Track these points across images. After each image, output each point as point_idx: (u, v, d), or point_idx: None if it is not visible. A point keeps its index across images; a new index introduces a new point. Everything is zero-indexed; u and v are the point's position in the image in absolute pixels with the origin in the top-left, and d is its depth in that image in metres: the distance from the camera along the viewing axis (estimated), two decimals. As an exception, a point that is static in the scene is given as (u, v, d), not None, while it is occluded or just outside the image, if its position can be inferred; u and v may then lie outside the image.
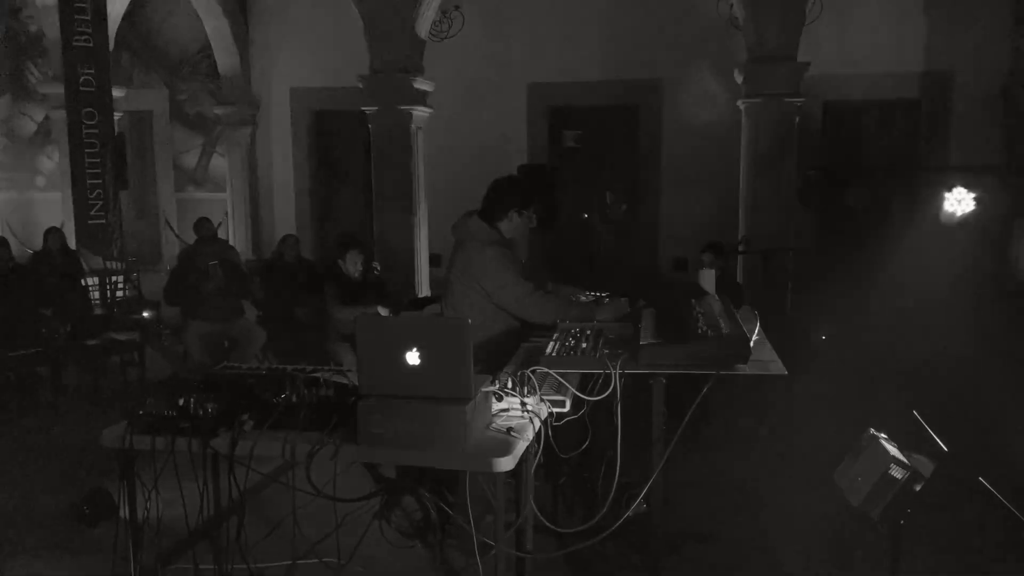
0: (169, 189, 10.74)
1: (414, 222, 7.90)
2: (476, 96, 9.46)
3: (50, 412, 6.10)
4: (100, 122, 7.87)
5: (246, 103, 10.26)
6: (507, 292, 3.60)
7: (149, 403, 2.63)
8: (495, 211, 3.76)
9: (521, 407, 2.68)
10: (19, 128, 11.10)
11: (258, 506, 3.33)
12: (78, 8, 7.60)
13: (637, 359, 2.83)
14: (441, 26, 9.06)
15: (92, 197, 7.87)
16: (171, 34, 10.47)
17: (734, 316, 3.14)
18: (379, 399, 2.46)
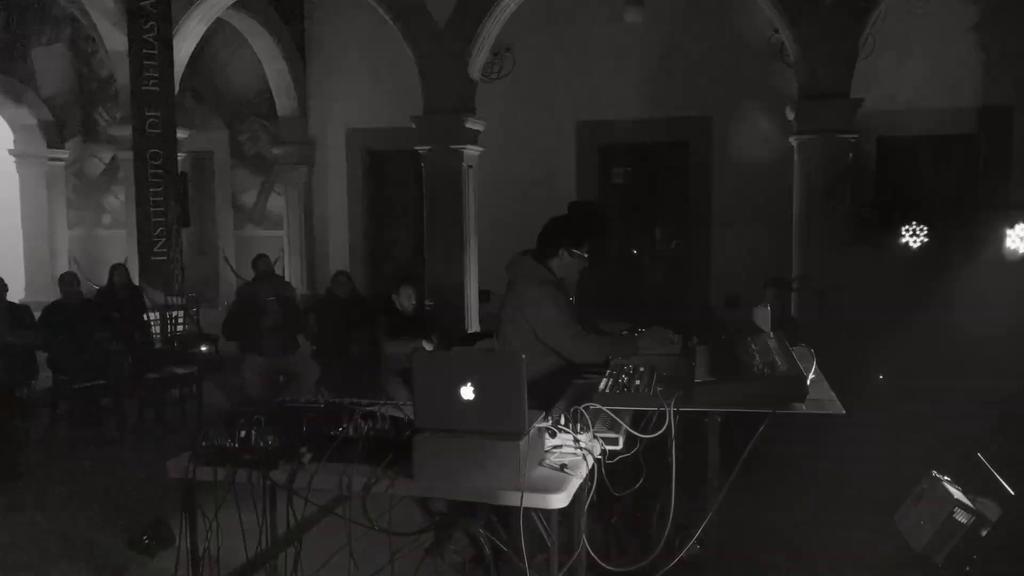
0: (228, 226, 11.05)
1: (464, 258, 7.99)
2: (526, 134, 9.58)
3: (112, 443, 6.27)
4: (164, 163, 8.17)
5: (303, 143, 10.55)
6: (554, 332, 3.61)
7: (212, 435, 2.70)
8: (546, 250, 3.78)
9: (574, 444, 2.68)
10: (89, 169, 11.57)
11: (314, 537, 3.36)
12: (147, 54, 7.95)
13: (692, 397, 2.81)
14: (492, 67, 9.24)
15: (155, 234, 8.14)
16: (233, 78, 10.86)
17: (790, 354, 3.10)
18: (434, 433, 2.49)
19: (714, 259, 9.49)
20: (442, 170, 7.85)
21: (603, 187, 9.83)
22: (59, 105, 11.32)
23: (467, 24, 7.58)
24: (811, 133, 7.09)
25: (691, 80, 9.24)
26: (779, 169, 8.28)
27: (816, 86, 7.04)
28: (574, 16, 9.43)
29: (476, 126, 7.97)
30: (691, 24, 9.19)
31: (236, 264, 10.47)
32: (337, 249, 10.68)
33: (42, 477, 5.49)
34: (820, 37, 6.96)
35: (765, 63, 8.80)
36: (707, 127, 9.45)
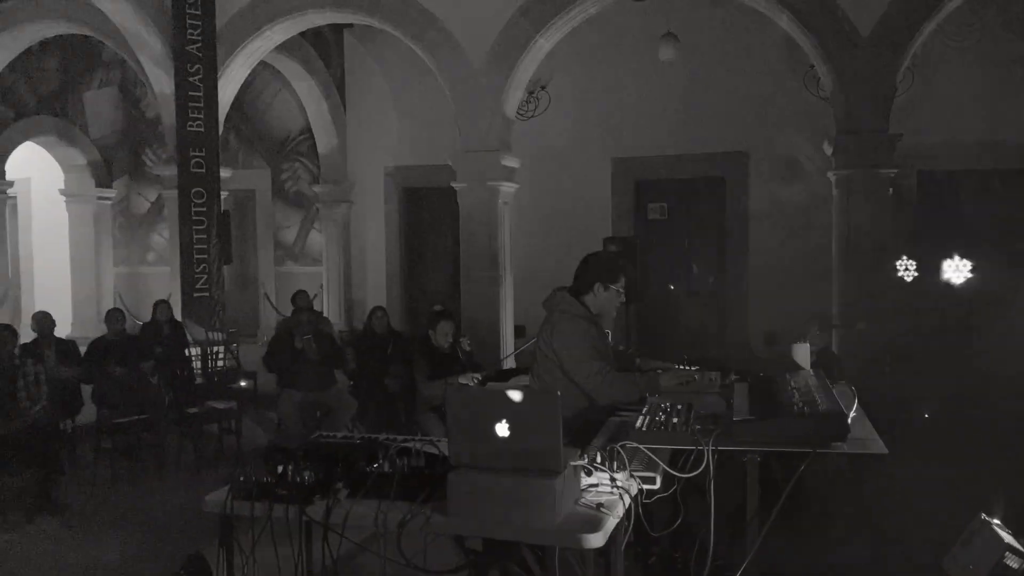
0: (269, 263, 11.24)
1: (500, 294, 8.01)
2: (561, 171, 9.65)
3: (152, 478, 6.34)
4: (208, 201, 8.37)
5: (342, 182, 10.74)
6: (576, 367, 3.57)
7: (249, 470, 2.72)
8: (581, 285, 3.78)
9: (611, 482, 2.65)
10: (135, 207, 11.89)
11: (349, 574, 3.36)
12: (192, 96, 8.19)
13: (730, 435, 2.77)
14: (527, 106, 9.34)
15: (198, 271, 8.31)
16: (275, 118, 11.12)
17: (830, 392, 3.05)
18: (468, 470, 2.48)
19: (752, 295, 9.39)
20: (478, 207, 7.91)
21: (639, 223, 9.83)
22: (108, 146, 11.68)
23: (502, 64, 7.69)
24: (849, 168, 7.03)
25: (727, 115, 9.25)
26: (817, 204, 8.20)
27: (854, 121, 6.99)
28: (608, 54, 9.52)
29: (511, 163, 8.04)
30: (726, 60, 9.23)
31: (276, 300, 10.63)
32: (375, 285, 10.79)
33: (83, 510, 5.57)
34: (857, 72, 6.93)
35: (802, 98, 8.78)
36: (744, 162, 9.42)
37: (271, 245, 11.27)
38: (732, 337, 9.34)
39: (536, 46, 7.68)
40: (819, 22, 6.99)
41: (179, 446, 6.80)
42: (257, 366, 7.59)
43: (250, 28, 8.35)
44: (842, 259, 7.12)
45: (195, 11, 8.10)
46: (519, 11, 7.58)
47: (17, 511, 5.48)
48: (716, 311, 9.65)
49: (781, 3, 7.06)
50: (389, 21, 7.99)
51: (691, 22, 9.05)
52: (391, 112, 10.63)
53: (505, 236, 8.09)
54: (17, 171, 11.10)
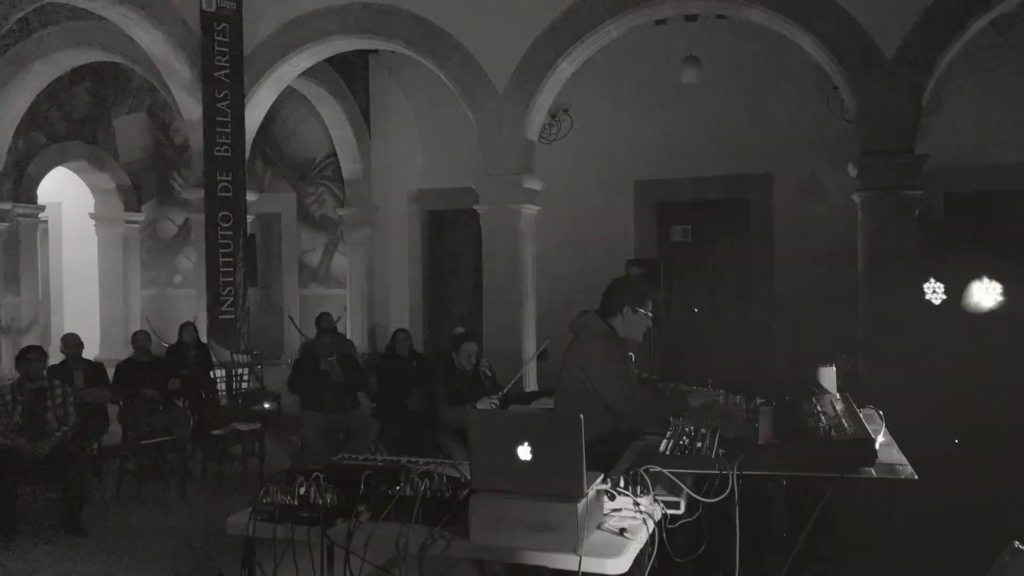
0: (294, 285, 11.33)
1: (522, 316, 8.00)
2: (584, 193, 9.66)
3: (176, 499, 6.38)
4: (234, 224, 8.47)
5: (367, 205, 10.83)
6: (608, 389, 3.58)
7: (272, 491, 2.73)
8: (609, 308, 3.78)
9: (634, 507, 2.63)
10: (162, 231, 12.06)
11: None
12: (220, 122, 8.33)
13: (755, 460, 2.74)
14: (550, 129, 9.39)
15: (224, 294, 8.39)
16: (300, 142, 11.27)
17: (858, 416, 3.01)
18: (490, 494, 2.47)
19: (777, 317, 9.31)
20: (500, 229, 7.94)
21: (662, 245, 9.81)
22: (137, 170, 11.88)
23: (525, 88, 7.74)
24: (875, 190, 6.97)
25: (750, 137, 9.23)
26: (842, 226, 8.12)
27: (878, 143, 6.95)
28: (631, 77, 9.56)
29: (534, 185, 8.07)
30: (749, 82, 9.23)
31: (300, 322, 10.70)
32: (397, 308, 10.83)
33: (108, 531, 5.61)
34: (881, 94, 6.90)
35: (825, 120, 8.75)
36: (768, 184, 9.39)
37: (296, 268, 11.36)
38: (756, 360, 9.25)
39: (559, 70, 7.73)
40: (843, 45, 6.98)
41: (203, 468, 6.83)
42: (281, 388, 7.63)
43: (277, 55, 8.49)
44: (868, 282, 7.05)
45: (223, 38, 8.25)
46: (542, 36, 7.64)
47: (43, 530, 5.53)
48: (741, 334, 9.57)
49: (805, 26, 7.06)
50: (413, 47, 8.08)
51: (713, 45, 9.08)
52: (414, 136, 10.72)
53: (527, 258, 8.09)
54: (49, 196, 11.31)
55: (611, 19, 7.49)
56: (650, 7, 7.48)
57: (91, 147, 11.42)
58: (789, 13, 7.07)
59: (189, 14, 8.21)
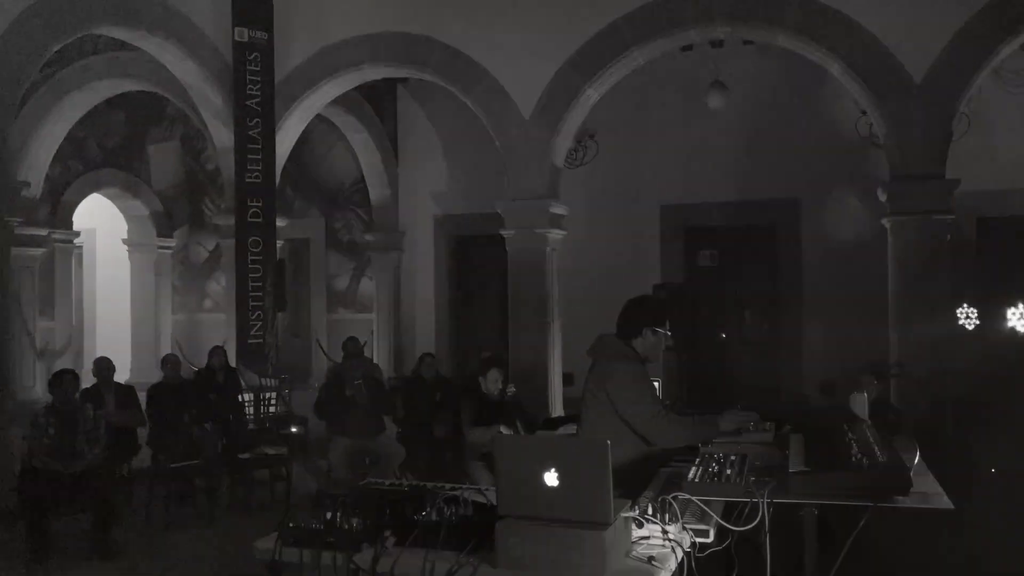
0: (321, 309, 11.42)
1: (548, 341, 7.99)
2: (609, 218, 9.66)
3: (204, 523, 6.40)
4: (264, 250, 8.57)
5: (394, 230, 10.92)
6: (634, 409, 3.55)
7: (298, 516, 2.73)
8: (629, 329, 3.76)
9: (662, 535, 2.60)
10: (193, 256, 12.23)
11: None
12: (251, 149, 8.46)
13: (786, 488, 2.69)
14: (576, 154, 9.42)
15: (253, 318, 8.47)
16: (329, 169, 11.41)
17: (891, 444, 2.96)
18: (517, 520, 2.45)
19: (806, 344, 9.21)
20: (526, 254, 7.95)
21: (689, 270, 9.76)
22: (169, 197, 12.09)
23: (551, 114, 7.79)
24: (904, 215, 6.90)
25: (778, 162, 9.20)
26: (872, 251, 8.03)
27: (908, 167, 6.89)
28: (657, 102, 9.58)
29: (560, 210, 8.09)
30: (776, 106, 9.21)
31: (328, 346, 10.76)
32: (423, 332, 10.86)
33: (137, 555, 5.64)
34: (911, 118, 6.85)
35: (854, 144, 8.70)
36: (795, 208, 9.33)
37: (324, 292, 11.45)
38: (786, 387, 9.14)
39: (584, 96, 7.77)
40: (870, 69, 6.95)
41: (231, 491, 6.86)
42: (308, 412, 7.66)
43: (307, 83, 8.62)
44: (899, 307, 6.95)
45: (255, 67, 8.41)
46: (568, 63, 7.70)
47: (73, 553, 5.57)
48: (770, 360, 9.47)
49: (831, 51, 7.04)
50: (440, 74, 8.18)
51: (740, 70, 9.08)
52: (441, 162, 10.81)
53: (553, 283, 8.10)
54: (83, 222, 11.54)
55: (636, 46, 7.53)
56: (676, 34, 7.51)
57: (125, 174, 11.65)
58: (815, 37, 7.06)
59: (222, 44, 8.38)
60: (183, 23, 8.02)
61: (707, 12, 7.30)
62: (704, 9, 7.30)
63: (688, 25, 7.40)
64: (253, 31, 8.39)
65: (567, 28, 7.69)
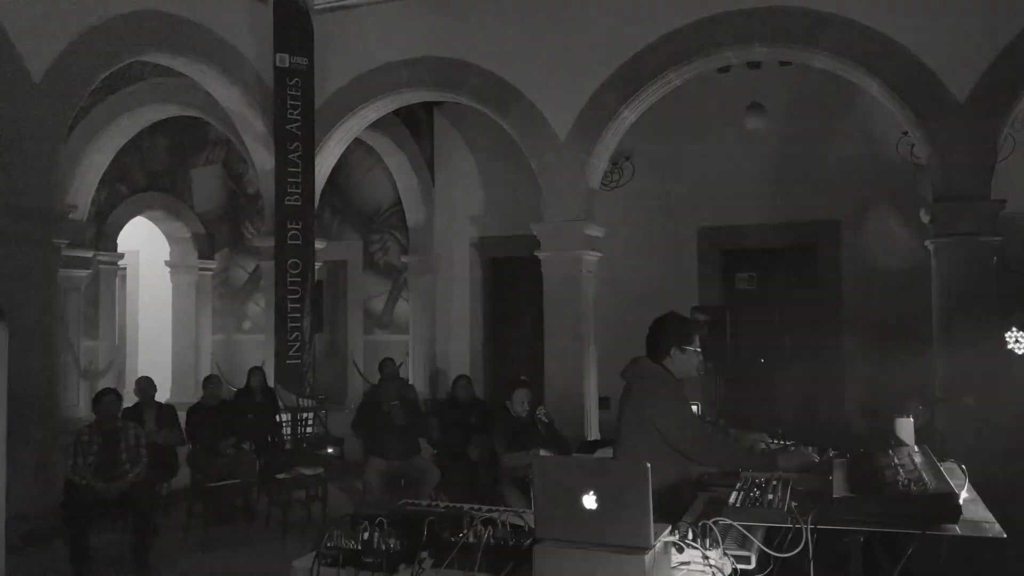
0: (358, 331, 11.49)
1: (583, 364, 7.95)
2: (646, 240, 9.63)
3: (241, 541, 6.44)
4: (303, 271, 8.67)
5: (430, 253, 10.99)
6: (682, 433, 3.49)
7: (336, 536, 2.73)
8: (658, 350, 3.71)
9: (703, 560, 2.55)
10: (233, 278, 12.42)
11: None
12: (291, 172, 8.60)
13: (830, 514, 2.63)
14: (612, 176, 9.41)
15: (291, 339, 8.56)
16: (367, 192, 11.53)
17: (939, 470, 2.88)
18: (555, 543, 2.42)
19: (847, 368, 9.04)
20: (562, 276, 7.94)
21: (727, 293, 9.66)
22: (210, 220, 12.31)
23: (587, 136, 7.81)
24: (949, 236, 6.77)
25: (817, 183, 9.10)
26: (915, 273, 7.89)
27: (952, 189, 6.77)
28: (694, 124, 9.55)
29: (595, 232, 8.07)
30: (815, 127, 9.12)
31: (364, 367, 10.83)
32: (459, 354, 10.88)
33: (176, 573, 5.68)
34: (954, 138, 6.73)
35: (895, 165, 8.57)
36: (836, 231, 9.21)
37: (360, 314, 11.54)
38: (827, 412, 8.97)
39: (620, 118, 7.78)
40: (912, 89, 6.86)
41: (268, 511, 6.90)
42: (344, 433, 7.69)
43: (346, 107, 8.76)
44: (944, 331, 6.80)
45: (295, 92, 8.56)
46: (604, 85, 7.72)
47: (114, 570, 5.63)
48: (810, 384, 9.30)
49: (871, 71, 6.97)
50: (477, 97, 8.25)
51: (777, 90, 9.03)
52: (477, 184, 10.88)
53: (589, 305, 8.07)
54: (127, 244, 11.79)
55: (673, 67, 7.53)
56: (712, 55, 7.51)
57: (169, 197, 11.89)
58: (855, 59, 7.00)
59: (264, 70, 8.56)
60: (226, 50, 8.21)
61: (745, 34, 7.28)
62: (742, 31, 7.28)
63: (726, 47, 7.39)
64: (294, 57, 8.56)
65: (603, 50, 7.72)
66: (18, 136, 6.33)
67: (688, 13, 7.41)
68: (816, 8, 7.05)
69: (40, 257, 6.56)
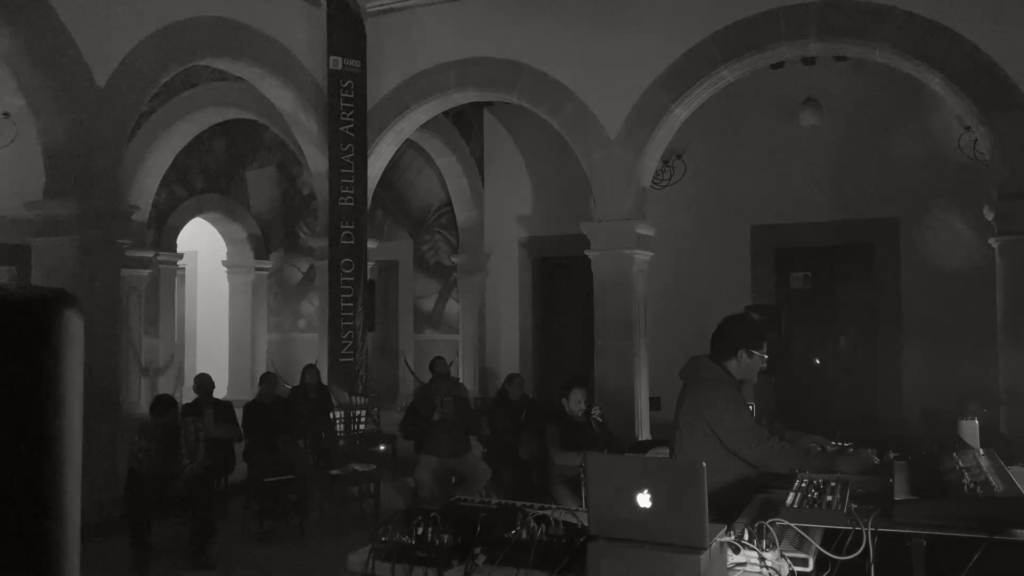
0: (409, 330, 11.60)
1: (634, 364, 7.89)
2: (698, 239, 9.52)
3: (296, 536, 6.55)
4: (356, 271, 8.79)
5: (479, 252, 11.03)
6: (740, 436, 3.43)
7: (390, 530, 2.76)
8: (724, 351, 3.65)
9: (759, 562, 2.51)
10: (288, 278, 12.65)
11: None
12: (344, 173, 8.72)
13: (892, 516, 2.57)
14: (663, 175, 9.33)
15: (344, 338, 8.68)
16: (418, 192, 11.64)
17: (1006, 474, 2.79)
18: (609, 542, 2.41)
19: (906, 370, 8.81)
20: (612, 275, 7.90)
21: (781, 293, 9.50)
22: (266, 221, 12.55)
23: (637, 134, 7.76)
24: (1014, 234, 6.55)
25: (875, 180, 8.89)
26: (978, 272, 7.66)
27: (1017, 184, 6.55)
28: (747, 121, 9.42)
29: (646, 231, 8.01)
30: (872, 123, 8.92)
31: (415, 366, 10.92)
32: (509, 353, 10.90)
33: (233, 566, 5.81)
34: (1019, 132, 6.52)
35: (956, 160, 8.33)
36: (894, 229, 8.99)
37: (411, 313, 11.65)
38: (885, 415, 8.76)
39: (672, 115, 7.71)
40: (975, 83, 6.66)
41: (321, 507, 7.00)
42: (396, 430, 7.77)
43: (397, 109, 8.85)
44: (1009, 332, 6.59)
45: (348, 95, 8.68)
46: (655, 82, 7.66)
47: (174, 563, 5.78)
48: (867, 387, 9.10)
49: (933, 65, 6.79)
50: (526, 97, 8.26)
51: (833, 86, 8.85)
52: (527, 184, 10.89)
53: (640, 305, 8.01)
54: (186, 244, 12.09)
55: (726, 64, 7.44)
56: (766, 51, 7.39)
57: (225, 199, 12.16)
58: (915, 52, 6.82)
59: (318, 73, 8.70)
60: (281, 53, 8.36)
61: (800, 29, 7.15)
62: (797, 26, 7.15)
63: (780, 42, 7.27)
64: (347, 60, 8.67)
65: (655, 48, 7.65)
66: (84, 139, 6.54)
67: (742, 8, 7.31)
68: (874, 0, 6.89)
69: (105, 257, 6.76)
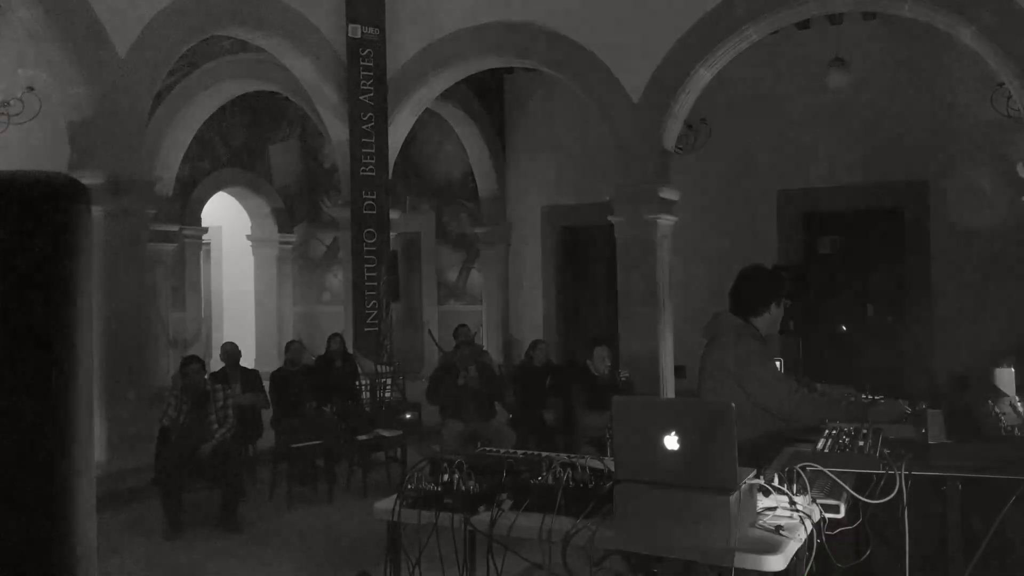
0: (433, 301, 11.62)
1: (659, 330, 7.84)
2: (723, 203, 9.40)
3: (324, 500, 6.61)
4: (378, 241, 8.79)
5: (502, 223, 10.99)
6: (769, 389, 3.36)
7: (417, 478, 2.76)
8: (755, 305, 3.57)
9: (790, 506, 2.47)
10: (312, 251, 12.70)
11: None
12: (365, 143, 8.69)
13: (926, 460, 2.52)
14: (687, 139, 9.20)
15: (368, 308, 8.70)
16: (439, 163, 11.60)
17: (1044, 418, 2.73)
18: (636, 484, 2.39)
19: (937, 336, 8.67)
20: (636, 240, 7.83)
21: (808, 258, 9.37)
22: (289, 194, 12.58)
23: (661, 97, 7.64)
24: (1050, 191, 6.41)
25: (903, 142, 8.71)
26: (1010, 234, 7.51)
27: (1054, 139, 6.39)
28: (773, 83, 9.25)
29: (671, 196, 7.92)
30: (901, 83, 8.73)
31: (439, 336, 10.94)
32: (532, 323, 10.88)
33: (262, 529, 5.88)
34: (1056, 86, 6.35)
35: (988, 118, 8.13)
36: (923, 192, 8.81)
37: (435, 284, 11.65)
38: (914, 381, 8.63)
39: (696, 77, 7.58)
40: (1011, 35, 6.47)
41: (348, 472, 7.06)
42: (421, 399, 7.80)
43: (417, 77, 8.78)
44: (1044, 290, 6.45)
45: (368, 63, 8.63)
46: (679, 43, 7.52)
47: (205, 527, 5.87)
48: (896, 353, 8.97)
49: (965, 18, 6.60)
50: (547, 62, 8.16)
51: (860, 45, 8.65)
52: (548, 153, 10.80)
53: (664, 270, 7.93)
54: (210, 219, 12.16)
55: (751, 22, 7.29)
56: (792, 8, 7.22)
57: (249, 173, 12.19)
58: (948, 5, 6.63)
59: (337, 41, 8.65)
60: (300, 22, 8.32)
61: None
62: (823, -19, 6.99)
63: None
64: (366, 28, 8.62)
65: (678, 6, 7.51)
66: (108, 110, 6.57)
67: (767, -35, 7.15)
68: (904, -47, 6.71)
69: (130, 227, 6.81)
